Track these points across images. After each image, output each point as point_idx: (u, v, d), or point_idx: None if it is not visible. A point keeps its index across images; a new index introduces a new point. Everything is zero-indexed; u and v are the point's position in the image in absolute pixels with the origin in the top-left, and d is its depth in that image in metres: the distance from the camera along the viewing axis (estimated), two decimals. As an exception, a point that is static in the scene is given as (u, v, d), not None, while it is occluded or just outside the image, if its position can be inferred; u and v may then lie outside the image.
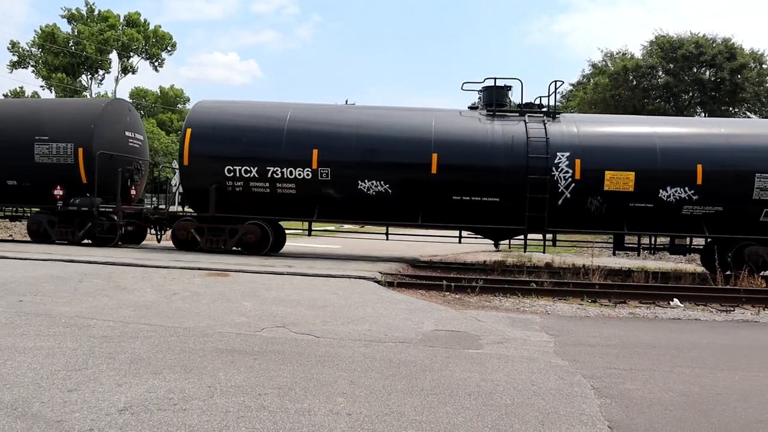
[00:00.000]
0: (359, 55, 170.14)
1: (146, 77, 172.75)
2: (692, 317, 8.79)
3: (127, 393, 4.23)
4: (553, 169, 12.82)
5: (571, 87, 48.02)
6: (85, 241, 14.52)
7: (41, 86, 52.45)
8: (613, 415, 4.27)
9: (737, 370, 5.73)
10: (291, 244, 19.62)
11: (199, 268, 10.51)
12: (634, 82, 37.08)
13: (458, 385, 4.79)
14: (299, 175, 13.16)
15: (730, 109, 36.66)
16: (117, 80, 55.58)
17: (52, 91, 51.10)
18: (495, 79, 14.08)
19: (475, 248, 19.26)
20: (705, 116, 34.48)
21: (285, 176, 13.20)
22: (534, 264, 14.68)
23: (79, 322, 6.35)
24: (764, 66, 35.68)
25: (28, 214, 16.09)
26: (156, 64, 56.19)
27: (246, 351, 5.53)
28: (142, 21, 54.73)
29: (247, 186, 13.36)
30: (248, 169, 13.24)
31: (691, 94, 36.97)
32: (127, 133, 15.40)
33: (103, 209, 14.23)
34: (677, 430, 4.05)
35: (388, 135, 13.35)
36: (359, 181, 13.15)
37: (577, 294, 10.05)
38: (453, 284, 10.17)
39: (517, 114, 13.81)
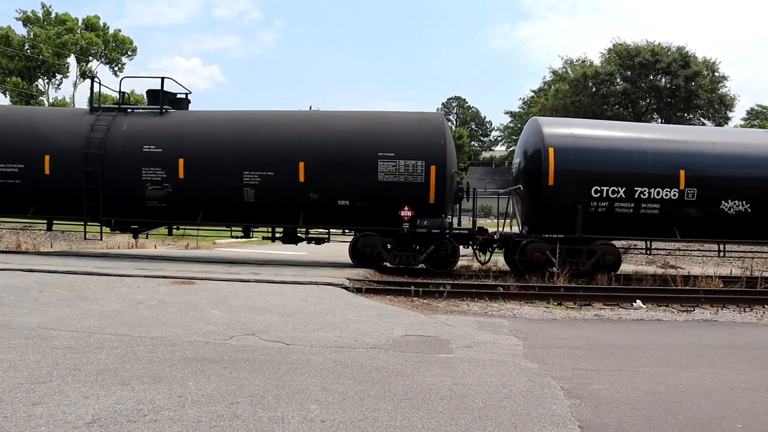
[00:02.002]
0: (322, 60, 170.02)
1: (105, 82, 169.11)
2: (655, 318, 9.01)
3: (94, 405, 4.13)
4: None
5: (532, 93, 48.87)
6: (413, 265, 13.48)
7: (-5, 91, 50.96)
8: (583, 415, 4.35)
9: (699, 369, 5.90)
10: (248, 251, 19.45)
11: (165, 276, 10.32)
12: (594, 89, 37.98)
13: (431, 389, 4.82)
14: (665, 195, 12.87)
15: (685, 115, 37.82)
16: (75, 85, 54.41)
17: (7, 95, 49.67)
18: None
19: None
20: (661, 122, 35.46)
21: (651, 197, 12.88)
22: (500, 268, 14.85)
23: (41, 333, 6.18)
24: (716, 74, 36.90)
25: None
26: (116, 68, 55.19)
27: (216, 360, 5.46)
28: (102, 25, 53.71)
29: (611, 206, 12.91)
30: (615, 189, 12.85)
31: (648, 100, 38.00)
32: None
33: (457, 231, 13.51)
34: (645, 428, 4.15)
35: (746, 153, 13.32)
36: (722, 201, 12.98)
37: (544, 297, 10.21)
38: (421, 289, 10.22)
39: None
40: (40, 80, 52.12)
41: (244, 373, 5.06)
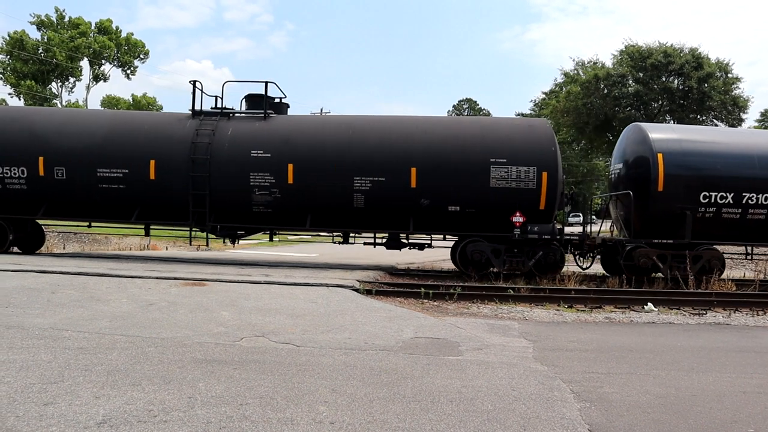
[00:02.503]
0: (332, 62, 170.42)
1: (118, 85, 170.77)
2: (666, 321, 8.95)
3: (105, 405, 4.16)
4: None
5: (543, 95, 48.73)
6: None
7: (9, 94, 51.54)
8: (593, 418, 4.32)
9: (711, 372, 5.85)
10: (259, 252, 19.52)
11: (176, 278, 10.38)
12: (605, 91, 37.77)
13: (440, 391, 4.81)
14: None
15: (698, 117, 37.53)
16: (88, 88, 54.90)
17: (21, 98, 50.19)
18: None
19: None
20: (674, 123, 35.21)
21: (759, 202, 12.88)
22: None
23: (53, 334, 6.23)
24: (729, 75, 36.60)
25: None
26: (128, 71, 55.66)
27: (226, 361, 5.48)
28: (114, 28, 54.14)
29: (719, 212, 12.95)
30: (724, 195, 12.88)
31: (660, 102, 37.75)
32: None
33: (567, 237, 13.57)
34: (656, 433, 4.12)
35: None
36: None
37: (554, 300, 10.17)
38: (431, 291, 10.21)
39: None
40: (53, 83, 52.62)
41: (253, 374, 5.08)
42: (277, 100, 14.45)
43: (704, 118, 37.81)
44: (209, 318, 7.38)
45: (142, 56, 56.19)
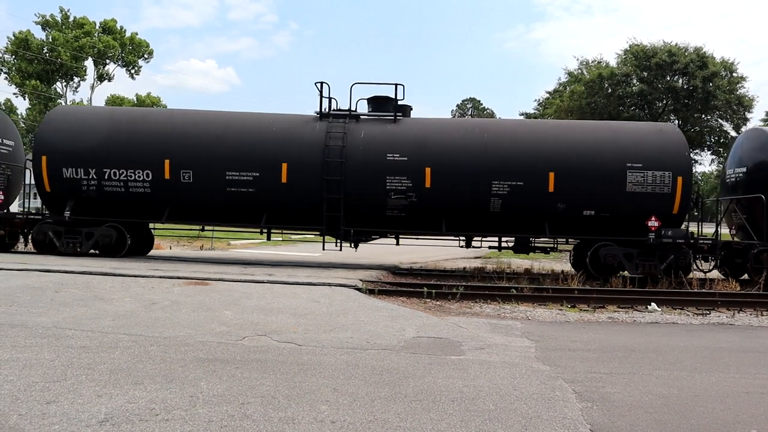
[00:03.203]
0: (335, 62, 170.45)
1: (122, 85, 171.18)
2: (670, 321, 8.93)
3: (107, 404, 4.17)
4: None
5: (547, 95, 48.65)
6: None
7: (14, 93, 51.70)
8: (595, 418, 4.31)
9: (714, 372, 5.84)
10: (263, 252, 19.54)
11: (179, 277, 10.41)
12: (610, 90, 37.63)
13: (441, 391, 4.81)
14: None
15: (703, 116, 37.40)
16: (93, 88, 55.01)
17: (26, 98, 50.36)
18: None
19: (453, 254, 19.38)
20: (679, 124, 35.17)
21: None
22: (513, 270, 14.79)
23: (56, 333, 6.25)
24: (734, 74, 36.43)
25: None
26: (132, 71, 55.70)
27: (228, 360, 5.49)
28: (119, 28, 54.22)
29: None
30: None
31: (665, 101, 37.62)
32: None
33: (702, 241, 13.59)
34: (657, 433, 4.11)
35: None
36: None
37: (557, 299, 10.15)
38: (434, 291, 10.21)
39: None
40: (58, 83, 52.77)
41: (255, 373, 5.08)
42: (401, 102, 14.12)
43: (709, 117, 37.67)
44: (212, 317, 7.40)
45: (146, 56, 56.22)
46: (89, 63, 53.13)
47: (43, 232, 13.69)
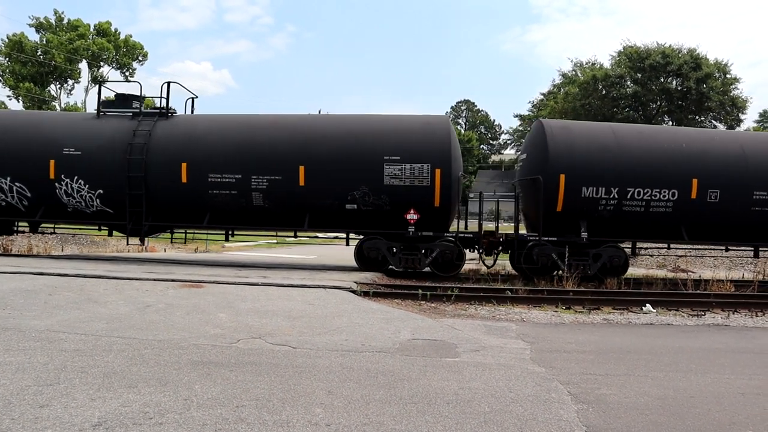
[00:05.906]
0: (332, 64, 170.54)
1: (117, 87, 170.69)
2: (665, 322, 8.94)
3: (101, 408, 4.14)
4: None
5: (542, 97, 48.76)
6: None
7: (8, 96, 51.41)
8: (591, 420, 4.31)
9: (709, 373, 5.84)
10: (258, 254, 19.50)
11: (173, 280, 10.36)
12: (604, 92, 37.78)
13: (436, 393, 4.79)
14: None
15: (697, 117, 37.55)
16: (87, 90, 54.78)
17: (20, 101, 50.13)
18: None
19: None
20: (673, 125, 35.25)
21: None
22: (508, 272, 14.78)
23: (50, 336, 6.21)
24: (728, 75, 36.61)
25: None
26: (127, 74, 55.50)
27: (222, 363, 5.46)
28: (113, 30, 54.05)
29: None
30: None
31: (659, 103, 37.77)
32: None
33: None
34: (653, 434, 4.10)
35: None
36: None
37: (552, 301, 10.15)
38: (428, 293, 10.19)
39: None
40: (52, 86, 52.56)
41: (249, 376, 5.06)
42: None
43: (703, 118, 37.83)
44: (206, 320, 7.37)
45: (140, 58, 56.05)
46: (83, 65, 52.94)
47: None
